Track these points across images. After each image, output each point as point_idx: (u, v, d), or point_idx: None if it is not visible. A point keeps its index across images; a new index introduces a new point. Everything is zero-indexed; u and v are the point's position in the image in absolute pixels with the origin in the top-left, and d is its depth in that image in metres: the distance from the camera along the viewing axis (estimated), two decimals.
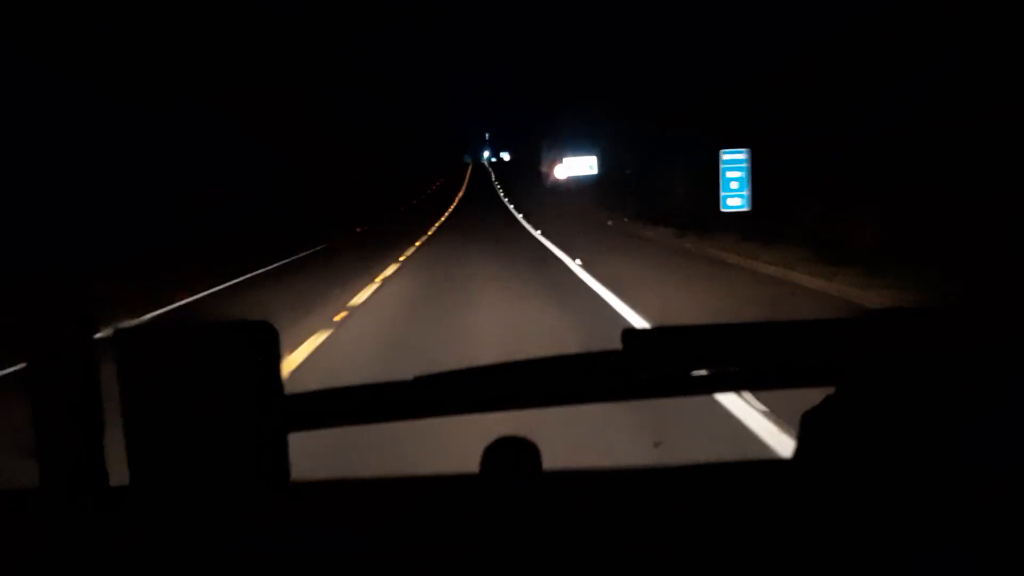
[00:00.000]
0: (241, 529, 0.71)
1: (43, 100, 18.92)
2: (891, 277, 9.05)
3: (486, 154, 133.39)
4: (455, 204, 47.42)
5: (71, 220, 18.15)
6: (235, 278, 14.31)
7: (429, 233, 24.82)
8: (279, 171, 34.42)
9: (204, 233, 22.32)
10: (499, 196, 50.13)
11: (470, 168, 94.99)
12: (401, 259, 15.82)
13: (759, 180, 15.52)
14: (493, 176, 76.82)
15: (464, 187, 66.28)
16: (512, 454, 0.81)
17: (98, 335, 0.71)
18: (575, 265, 13.08)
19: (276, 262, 17.24)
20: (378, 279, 12.33)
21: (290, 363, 5.96)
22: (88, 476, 0.71)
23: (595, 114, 36.27)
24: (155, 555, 0.69)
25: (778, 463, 0.89)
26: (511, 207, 38.08)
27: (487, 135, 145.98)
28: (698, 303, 9.22)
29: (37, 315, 0.71)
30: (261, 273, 15.41)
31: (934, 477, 0.70)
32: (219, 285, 13.33)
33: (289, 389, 0.74)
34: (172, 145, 24.69)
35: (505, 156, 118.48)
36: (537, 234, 20.91)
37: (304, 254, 19.76)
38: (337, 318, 8.48)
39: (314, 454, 1.05)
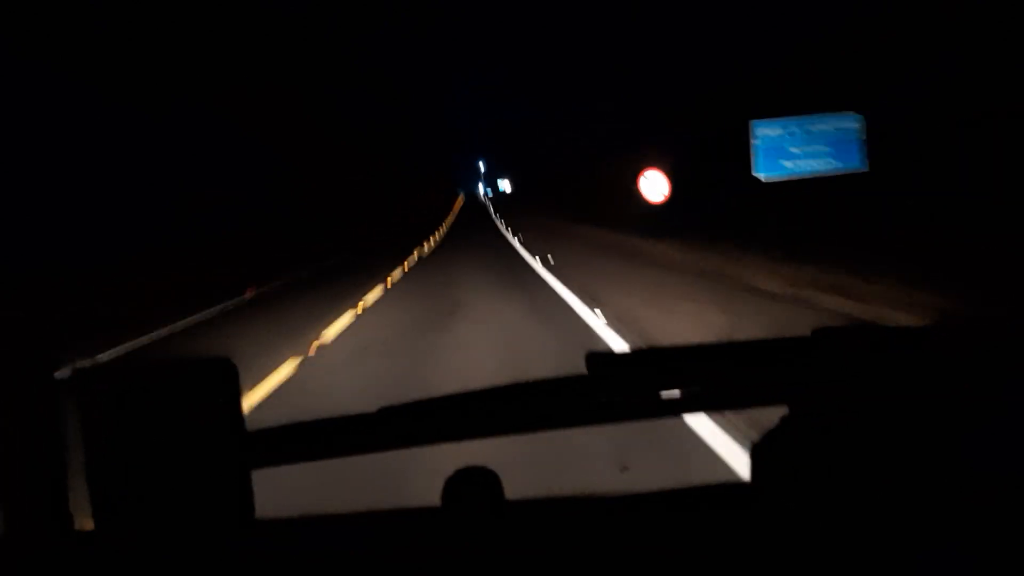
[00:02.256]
0: (207, 569, 0.71)
1: (43, 100, 18.93)
2: None
3: (481, 188, 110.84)
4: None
5: (71, 220, 18.16)
6: None
7: None
8: (279, 171, 34.40)
9: (203, 234, 22.34)
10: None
11: (461, 201, 74.12)
12: None
13: None
14: (492, 209, 49.72)
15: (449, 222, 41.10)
16: (474, 485, 0.81)
17: (58, 375, 0.72)
18: None
19: None
20: None
21: None
22: (53, 520, 0.71)
23: None
24: None
25: (740, 485, 0.90)
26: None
27: (481, 166, 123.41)
28: None
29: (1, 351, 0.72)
30: None
31: (884, 492, 0.71)
32: None
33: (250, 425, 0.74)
34: (172, 145, 24.70)
35: (504, 186, 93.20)
36: None
37: None
38: None
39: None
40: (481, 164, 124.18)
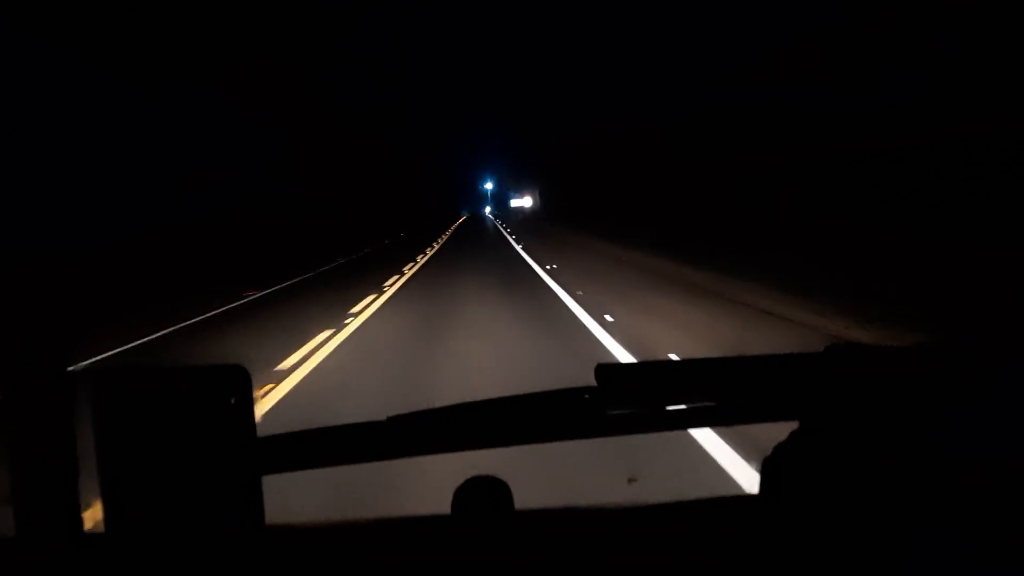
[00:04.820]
0: (216, 573, 0.71)
1: (40, 79, 18.79)
2: None
3: (488, 209, 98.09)
4: None
5: (68, 201, 18.07)
6: None
7: None
8: (278, 167, 34.22)
9: (201, 216, 22.30)
10: None
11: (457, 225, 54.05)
12: None
13: None
14: (517, 245, 24.55)
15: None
16: (483, 494, 0.82)
17: (72, 379, 0.71)
18: None
19: None
20: None
21: None
22: (64, 523, 0.71)
23: None
24: None
25: (749, 498, 0.90)
26: None
27: (488, 186, 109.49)
28: None
29: (11, 356, 0.71)
30: None
31: (894, 507, 0.72)
32: None
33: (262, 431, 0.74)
34: (169, 129, 24.57)
35: (523, 203, 74.46)
36: None
37: None
38: None
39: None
40: (489, 185, 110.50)
